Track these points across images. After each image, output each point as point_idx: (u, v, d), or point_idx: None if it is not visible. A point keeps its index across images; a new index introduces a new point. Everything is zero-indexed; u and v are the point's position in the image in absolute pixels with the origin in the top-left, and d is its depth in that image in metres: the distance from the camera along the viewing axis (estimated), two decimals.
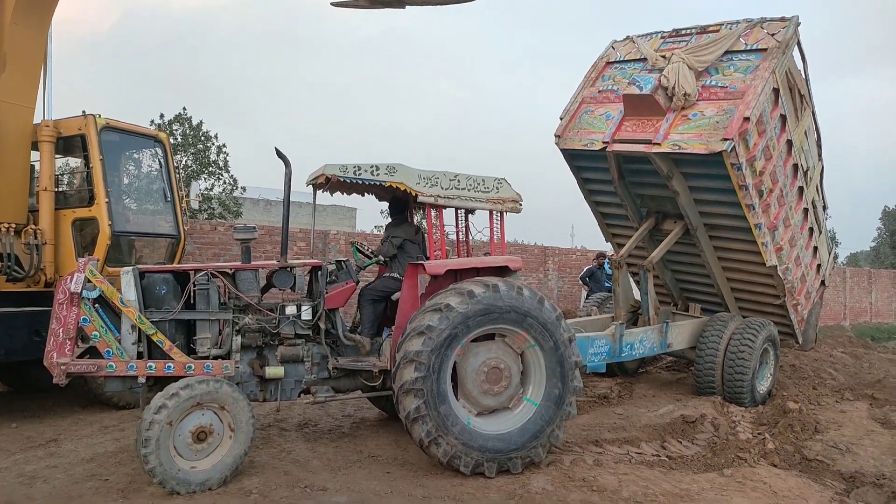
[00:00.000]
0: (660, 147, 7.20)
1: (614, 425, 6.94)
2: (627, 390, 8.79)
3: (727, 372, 7.93)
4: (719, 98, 7.22)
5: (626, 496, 4.78)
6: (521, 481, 5.00)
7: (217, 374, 4.76)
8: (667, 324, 8.19)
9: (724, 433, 6.47)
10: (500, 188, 5.93)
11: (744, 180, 7.11)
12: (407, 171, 5.46)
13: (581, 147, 7.98)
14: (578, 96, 8.39)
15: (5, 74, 6.29)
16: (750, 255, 7.98)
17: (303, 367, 5.34)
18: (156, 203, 8.00)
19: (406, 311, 5.38)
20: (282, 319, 5.30)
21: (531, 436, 5.20)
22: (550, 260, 17.32)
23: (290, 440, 5.97)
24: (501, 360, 5.29)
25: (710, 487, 5.09)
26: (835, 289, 24.94)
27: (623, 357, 7.76)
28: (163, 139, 7.84)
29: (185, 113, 17.55)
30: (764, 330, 8.15)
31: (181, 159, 15.67)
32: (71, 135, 6.94)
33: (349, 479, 4.97)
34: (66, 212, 6.88)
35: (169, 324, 4.92)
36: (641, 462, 5.72)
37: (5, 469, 5.01)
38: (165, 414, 4.30)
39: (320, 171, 5.35)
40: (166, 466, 4.32)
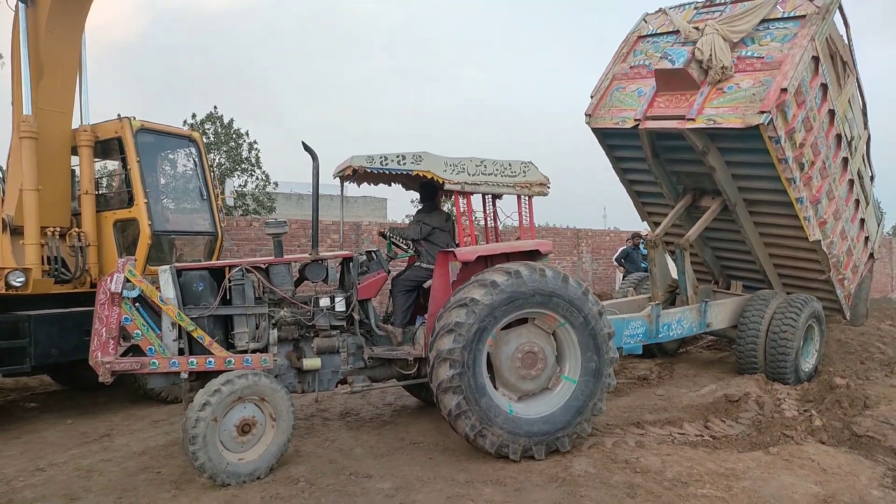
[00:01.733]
0: (694, 122, 7.04)
1: (655, 406, 6.89)
2: (668, 371, 8.70)
3: (770, 350, 7.77)
4: (756, 69, 7.01)
5: (670, 477, 4.75)
6: (563, 464, 5.01)
7: (256, 367, 4.86)
8: (705, 303, 8.05)
9: (769, 411, 6.36)
10: (527, 172, 5.89)
11: (783, 153, 6.92)
12: (433, 159, 5.45)
13: (612, 125, 7.84)
14: (609, 73, 8.22)
15: (43, 82, 6.46)
16: (792, 231, 7.78)
17: (339, 357, 5.42)
18: (192, 202, 8.14)
19: (438, 298, 5.42)
20: (316, 311, 5.38)
21: (575, 412, 5.24)
22: (583, 242, 17.17)
23: (334, 429, 6.08)
24: (534, 344, 5.31)
25: (755, 466, 5.02)
26: (881, 260, 24.15)
27: (660, 338, 7.66)
28: (196, 139, 7.97)
29: (217, 112, 17.82)
30: (808, 306, 7.96)
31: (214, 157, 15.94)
32: (108, 138, 7.10)
33: (392, 465, 5.05)
34: (108, 214, 7.07)
35: (207, 319, 5.00)
36: (685, 442, 5.66)
37: (63, 463, 5.21)
38: (210, 411, 4.39)
39: (347, 162, 5.37)
40: (215, 461, 4.43)
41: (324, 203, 25.21)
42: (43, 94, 6.49)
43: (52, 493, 4.56)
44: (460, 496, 4.40)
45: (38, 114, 6.39)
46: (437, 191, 6.29)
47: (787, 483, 4.67)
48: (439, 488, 4.54)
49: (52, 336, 6.16)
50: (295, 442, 5.63)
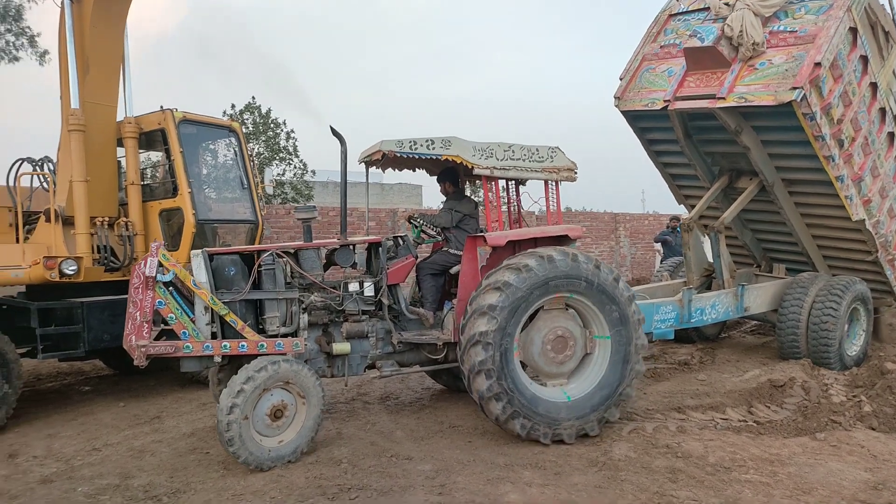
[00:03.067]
0: (725, 101, 6.81)
1: (697, 392, 6.80)
2: (709, 356, 8.56)
3: (812, 336, 7.55)
4: (788, 44, 6.75)
5: (712, 462, 4.70)
6: (602, 448, 5.00)
7: (288, 351, 4.91)
8: (743, 286, 7.83)
9: (816, 397, 6.22)
10: (555, 157, 5.84)
11: (819, 130, 6.67)
12: (462, 144, 5.43)
13: (642, 107, 7.65)
14: (639, 54, 8.01)
15: (89, 76, 6.65)
16: (834, 210, 7.51)
17: (367, 342, 5.45)
18: (233, 190, 8.30)
19: (467, 284, 5.45)
20: (345, 296, 5.40)
21: (603, 398, 5.25)
22: (621, 227, 16.96)
23: (374, 412, 6.17)
24: (565, 329, 5.31)
25: (802, 452, 4.93)
26: None
27: (693, 323, 7.47)
28: (236, 129, 8.12)
29: (255, 102, 18.06)
30: (851, 289, 7.71)
31: (253, 147, 16.19)
32: (151, 130, 7.28)
33: (432, 448, 5.11)
34: (153, 203, 7.27)
35: (239, 304, 5.02)
36: (727, 428, 5.59)
37: (116, 444, 5.43)
38: (238, 412, 4.44)
39: (376, 147, 5.36)
40: (257, 453, 4.52)
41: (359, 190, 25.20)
42: (89, 88, 6.68)
43: (107, 472, 4.76)
44: (500, 479, 4.43)
45: (85, 107, 6.59)
46: (459, 177, 6.25)
47: (834, 469, 4.58)
48: (479, 471, 4.58)
49: (104, 322, 6.38)
50: (337, 425, 5.76)
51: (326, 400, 4.99)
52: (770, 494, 4.18)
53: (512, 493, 4.20)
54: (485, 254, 5.51)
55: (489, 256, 5.54)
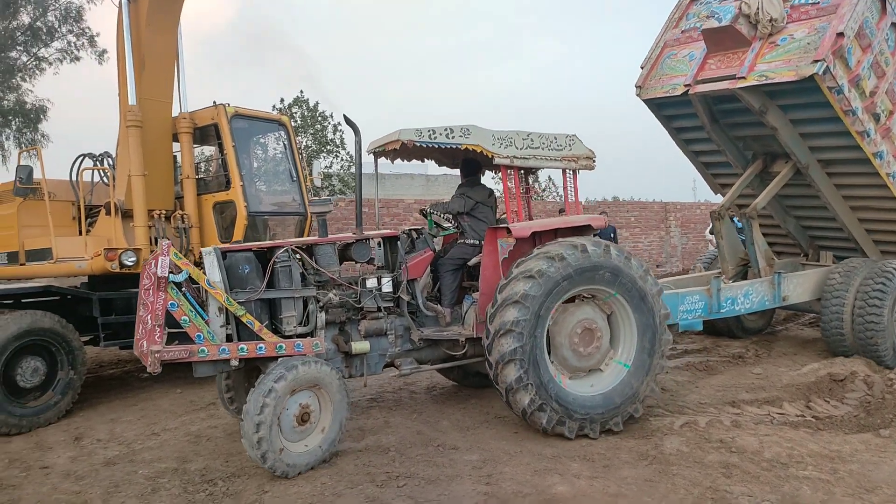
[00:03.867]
0: (745, 81, 6.54)
1: (752, 385, 6.61)
2: (765, 349, 8.30)
3: (858, 328, 7.10)
4: (811, 17, 6.44)
5: (768, 457, 4.56)
6: (653, 442, 4.91)
7: (308, 352, 4.66)
8: (779, 274, 7.45)
9: (880, 391, 5.95)
10: (573, 145, 5.72)
11: (848, 104, 6.32)
12: (481, 133, 5.32)
13: (663, 94, 7.41)
14: (661, 40, 7.77)
15: (145, 73, 6.86)
16: (878, 190, 7.08)
17: (386, 340, 5.27)
18: (283, 183, 8.46)
19: (488, 277, 5.32)
20: (363, 293, 5.20)
21: (629, 394, 5.17)
22: (672, 216, 16.58)
23: (420, 402, 6.22)
24: (592, 321, 5.23)
25: (864, 449, 4.73)
26: None
27: (723, 313, 7.13)
28: (286, 122, 8.25)
29: (303, 95, 18.36)
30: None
31: (302, 140, 16.46)
32: (205, 125, 7.47)
33: (478, 438, 5.12)
34: (207, 197, 7.46)
35: (254, 304, 4.74)
36: (784, 423, 5.41)
37: (174, 429, 5.62)
38: (269, 413, 4.19)
39: (394, 136, 5.21)
40: (293, 462, 4.34)
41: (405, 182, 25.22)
42: (145, 85, 6.90)
43: (166, 456, 4.94)
44: (547, 470, 4.41)
45: (141, 103, 6.80)
46: (479, 166, 6.12)
47: None
48: (526, 462, 4.56)
49: None
50: (384, 414, 5.82)
51: (350, 403, 4.78)
52: (830, 492, 4.03)
53: (560, 484, 4.17)
54: (507, 246, 5.37)
55: (511, 248, 5.39)
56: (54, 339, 5.94)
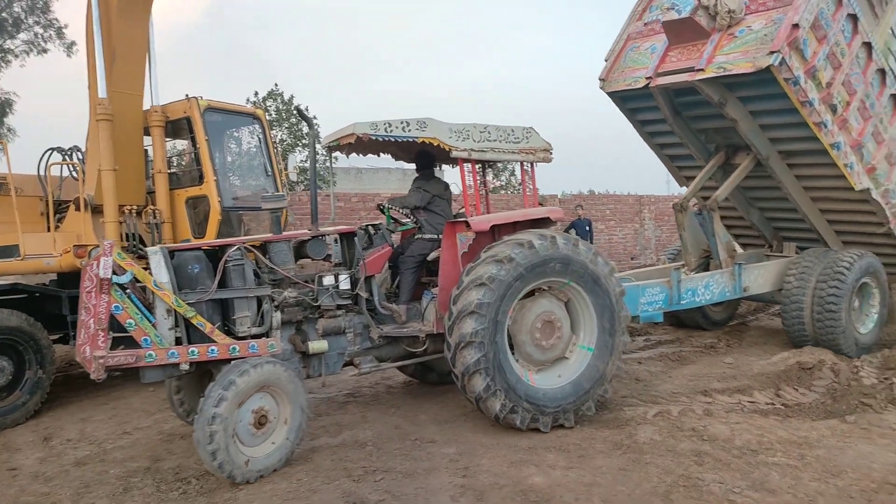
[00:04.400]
0: (704, 73, 6.61)
1: (724, 374, 6.73)
2: (736, 339, 8.46)
3: (817, 318, 7.20)
4: (768, 8, 6.52)
5: (739, 445, 4.66)
6: (627, 432, 4.98)
7: (263, 353, 4.49)
8: (740, 265, 7.54)
9: (846, 379, 6.11)
10: (530, 138, 5.70)
11: (805, 95, 6.42)
12: (438, 126, 5.24)
13: (625, 87, 7.47)
14: (624, 33, 7.81)
15: (115, 65, 6.73)
16: (837, 181, 7.18)
17: (345, 338, 5.15)
18: (258, 178, 8.38)
19: (448, 272, 5.26)
20: (320, 291, 5.04)
21: (595, 379, 5.23)
22: (646, 209, 16.76)
23: (398, 397, 6.23)
24: (551, 313, 5.23)
25: (831, 434, 4.86)
26: None
27: (684, 305, 7.20)
28: (260, 116, 8.16)
29: (277, 89, 18.16)
30: (859, 263, 7.33)
31: (276, 134, 16.29)
32: (177, 118, 7.36)
33: (455, 431, 5.14)
34: (180, 191, 7.36)
35: (206, 304, 4.54)
36: (754, 411, 5.53)
37: (147, 427, 5.56)
38: (222, 421, 4.03)
39: (349, 129, 5.08)
40: (265, 465, 4.25)
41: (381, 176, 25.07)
42: (116, 78, 6.76)
43: (138, 455, 4.88)
44: (524, 461, 4.45)
45: (112, 96, 6.67)
46: (434, 159, 6.07)
47: (865, 452, 4.51)
48: (502, 454, 4.60)
49: None
50: (361, 409, 5.82)
51: (310, 404, 4.69)
52: (798, 477, 4.13)
53: (536, 475, 4.22)
54: (466, 240, 5.32)
55: (471, 242, 5.33)
56: (22, 337, 5.82)
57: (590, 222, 13.39)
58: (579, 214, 13.33)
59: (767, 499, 3.84)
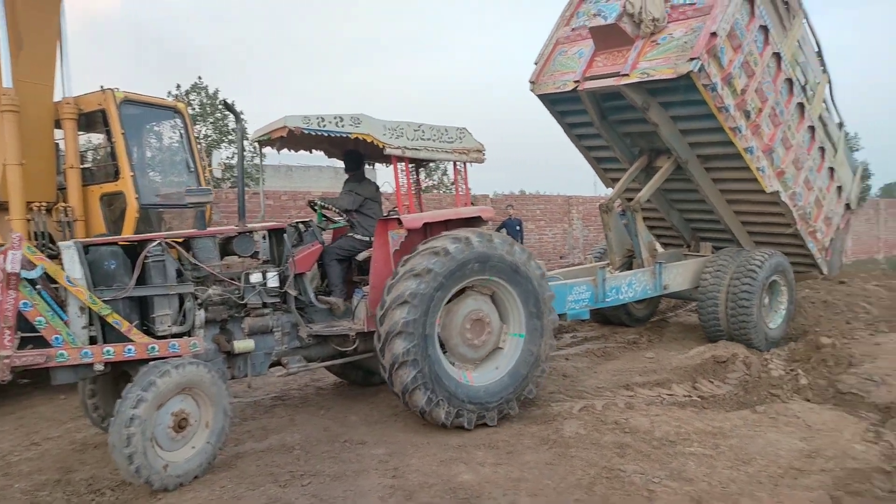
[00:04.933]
0: (629, 78, 6.87)
1: (645, 369, 6.99)
2: (657, 335, 8.81)
3: (731, 313, 7.58)
4: (688, 17, 6.85)
5: (658, 436, 4.85)
6: (554, 427, 5.10)
7: (185, 353, 4.30)
8: (660, 264, 7.86)
9: (757, 371, 6.46)
10: (463, 138, 5.75)
11: (722, 101, 6.76)
12: (372, 122, 5.20)
13: (554, 90, 7.67)
14: (553, 38, 8.02)
15: (22, 53, 6.33)
16: (750, 184, 7.60)
17: (272, 337, 5.02)
18: (179, 174, 8.08)
19: (379, 270, 5.23)
20: (247, 289, 4.89)
21: (521, 377, 5.28)
22: (574, 209, 17.19)
23: (328, 398, 6.14)
24: (478, 310, 5.26)
25: (742, 424, 5.13)
26: (868, 222, 24.37)
27: (608, 302, 7.44)
28: (181, 109, 7.88)
29: (201, 82, 17.55)
30: (769, 262, 7.76)
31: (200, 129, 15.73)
32: (91, 111, 7.00)
33: (386, 431, 5.12)
34: (94, 188, 7.00)
35: (123, 302, 4.34)
36: (673, 403, 5.77)
37: (57, 437, 5.25)
38: (139, 424, 3.86)
39: (280, 122, 4.95)
40: (185, 470, 4.09)
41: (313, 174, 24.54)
42: (23, 66, 6.37)
43: (47, 466, 4.61)
44: (453, 459, 4.48)
45: (18, 86, 6.28)
46: (363, 160, 6.02)
47: (773, 440, 4.78)
48: (433, 452, 4.61)
49: None
50: (289, 411, 5.71)
51: (233, 406, 4.51)
52: (713, 465, 4.34)
53: (465, 473, 4.25)
54: (398, 238, 5.30)
55: (403, 240, 5.31)
56: None
57: (520, 222, 13.62)
58: (510, 214, 13.55)
59: (685, 487, 4.01)
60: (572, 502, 3.85)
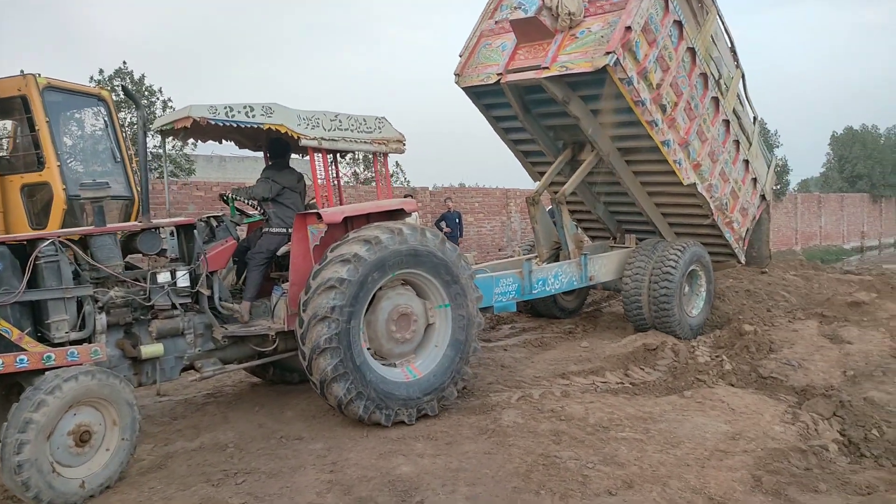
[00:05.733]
0: (549, 71, 6.97)
1: (580, 358, 7.17)
2: (592, 324, 9.05)
3: (653, 303, 7.79)
4: (605, 11, 6.99)
5: (592, 423, 4.99)
6: (492, 416, 5.16)
7: (85, 361, 4.02)
8: (585, 256, 8.00)
9: (684, 358, 6.73)
10: (382, 128, 5.63)
11: (638, 95, 6.93)
12: (285, 112, 5.01)
13: (479, 83, 7.71)
14: (477, 30, 8.05)
15: None
16: (668, 176, 7.81)
17: (183, 340, 4.77)
18: (104, 164, 7.72)
19: (299, 266, 5.03)
20: (154, 289, 4.62)
21: (442, 377, 5.23)
22: (512, 202, 17.39)
23: (262, 394, 6.02)
24: (397, 306, 5.14)
25: (671, 409, 5.33)
26: (786, 214, 25.75)
27: (535, 294, 7.49)
28: (106, 97, 7.52)
29: (126, 67, 16.74)
30: (687, 252, 7.95)
31: (126, 117, 15.04)
32: (10, 96, 6.59)
33: (324, 426, 5.06)
34: (13, 178, 6.61)
35: (12, 308, 4.02)
36: (607, 390, 5.94)
37: None
38: (31, 449, 3.59)
39: (185, 112, 4.72)
40: (63, 489, 3.72)
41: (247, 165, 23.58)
42: None
43: None
44: (392, 452, 4.47)
45: None
46: (288, 149, 5.78)
47: (699, 423, 4.99)
48: (371, 446, 4.59)
49: None
50: (222, 409, 5.56)
51: (140, 412, 4.16)
52: (643, 450, 4.50)
53: (404, 465, 4.25)
54: (318, 232, 5.11)
55: (323, 235, 5.13)
56: None
57: (459, 215, 13.69)
58: (449, 207, 13.59)
59: (617, 472, 4.15)
60: (510, 490, 3.92)
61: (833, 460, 4.48)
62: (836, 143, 39.57)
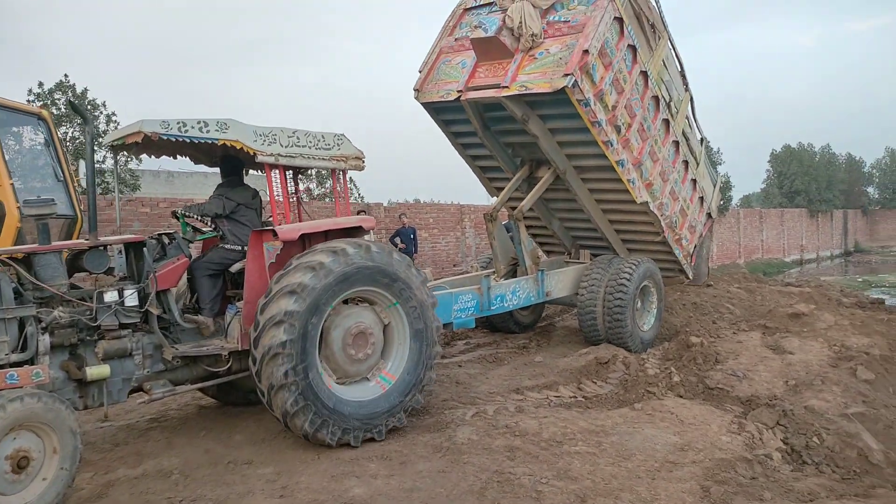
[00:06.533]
0: (508, 90, 7.11)
1: (534, 373, 7.21)
2: (546, 339, 9.13)
3: (607, 318, 7.97)
4: (563, 34, 7.18)
5: (546, 437, 5.01)
6: (447, 434, 5.13)
7: (26, 384, 3.88)
8: (542, 272, 8.13)
9: (635, 371, 6.85)
10: (341, 144, 5.58)
11: (595, 116, 7.13)
12: (241, 128, 4.93)
13: (438, 99, 7.82)
14: (437, 47, 8.17)
15: None
16: (622, 195, 8.03)
17: (132, 361, 4.64)
18: (45, 182, 7.42)
19: (254, 284, 4.94)
20: (101, 309, 4.50)
21: (403, 391, 5.18)
22: (467, 218, 17.50)
23: (210, 418, 5.84)
24: (362, 323, 5.09)
25: (622, 422, 5.41)
26: (730, 229, 26.66)
27: (494, 310, 7.54)
28: (46, 116, 7.25)
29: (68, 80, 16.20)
30: (638, 270, 8.17)
31: (66, 132, 14.52)
32: None
33: (274, 449, 4.94)
34: None
35: None
36: (560, 405, 5.99)
37: None
38: None
39: (136, 127, 4.63)
40: None
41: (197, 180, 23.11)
42: None
43: None
44: (345, 474, 4.39)
45: None
46: (242, 165, 5.71)
47: (650, 435, 5.07)
48: (323, 468, 4.50)
49: None
50: (167, 434, 5.37)
51: (82, 441, 3.98)
52: (596, 463, 4.54)
53: (357, 487, 4.18)
54: (273, 250, 5.03)
55: (279, 252, 5.06)
56: None
57: (414, 231, 13.68)
58: (404, 223, 13.56)
59: (570, 486, 4.17)
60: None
61: (777, 468, 4.62)
62: (775, 160, 41.29)
